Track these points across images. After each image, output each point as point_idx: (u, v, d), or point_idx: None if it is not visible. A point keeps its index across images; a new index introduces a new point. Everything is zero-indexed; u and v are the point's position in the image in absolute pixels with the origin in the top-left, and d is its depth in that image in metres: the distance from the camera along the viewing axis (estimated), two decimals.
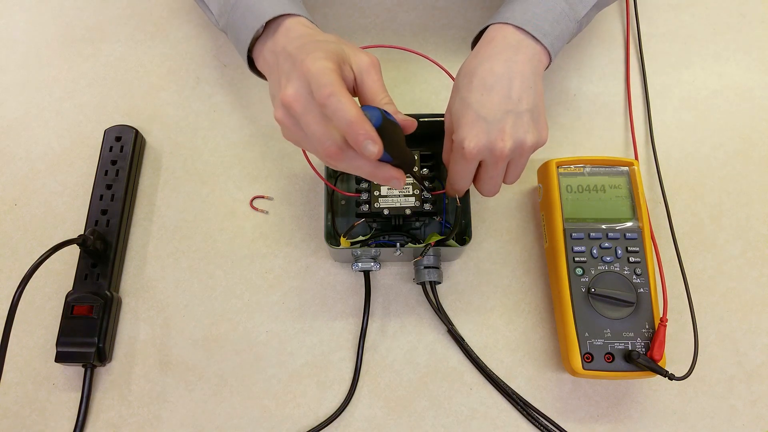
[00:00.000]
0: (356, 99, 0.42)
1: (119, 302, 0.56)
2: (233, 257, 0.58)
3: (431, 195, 0.53)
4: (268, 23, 0.48)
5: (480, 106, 0.45)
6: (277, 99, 0.43)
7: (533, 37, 0.48)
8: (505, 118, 0.45)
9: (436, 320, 0.56)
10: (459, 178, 0.48)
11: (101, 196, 0.58)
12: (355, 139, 0.38)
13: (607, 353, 0.49)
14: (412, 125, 0.44)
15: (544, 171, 0.57)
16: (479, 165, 0.48)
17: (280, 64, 0.44)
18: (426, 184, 0.53)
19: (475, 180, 0.50)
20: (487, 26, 0.50)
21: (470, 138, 0.45)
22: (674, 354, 0.53)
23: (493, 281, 0.57)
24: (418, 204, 0.52)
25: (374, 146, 0.38)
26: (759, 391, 0.54)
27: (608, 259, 0.52)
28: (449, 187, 0.51)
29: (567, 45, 0.66)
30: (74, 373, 0.54)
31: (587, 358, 0.49)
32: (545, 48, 0.48)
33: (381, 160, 0.41)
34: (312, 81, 0.39)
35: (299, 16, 0.48)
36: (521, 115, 0.45)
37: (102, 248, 0.55)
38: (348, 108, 0.38)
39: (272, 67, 0.46)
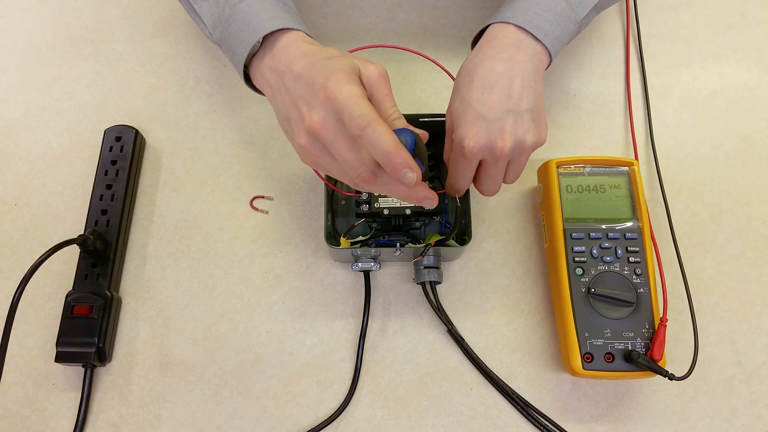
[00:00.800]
0: None
1: (119, 302, 0.56)
2: (233, 257, 0.58)
3: None
4: (266, 37, 0.47)
5: (480, 105, 0.45)
6: (299, 125, 0.42)
7: (534, 36, 0.48)
8: (505, 117, 0.45)
9: (436, 320, 0.56)
10: (459, 177, 0.48)
11: (101, 196, 0.58)
12: (393, 168, 0.38)
13: (607, 353, 0.49)
14: (425, 138, 0.44)
15: (544, 171, 0.57)
16: (479, 164, 0.48)
17: (289, 85, 0.43)
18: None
19: (475, 179, 0.50)
20: (488, 25, 0.50)
21: (470, 137, 0.45)
22: (674, 354, 0.53)
23: (493, 281, 0.57)
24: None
25: (412, 174, 0.38)
26: (759, 391, 0.54)
27: (608, 259, 0.52)
28: (449, 187, 0.50)
29: (567, 45, 0.66)
30: (74, 373, 0.54)
31: (587, 358, 0.49)
32: (546, 48, 0.48)
33: None
34: (343, 110, 0.39)
35: (297, 30, 0.47)
36: (522, 114, 0.45)
37: (102, 248, 0.55)
38: (385, 138, 0.37)
39: (275, 87, 0.45)
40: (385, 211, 0.52)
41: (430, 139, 0.53)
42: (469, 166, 0.47)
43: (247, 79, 0.50)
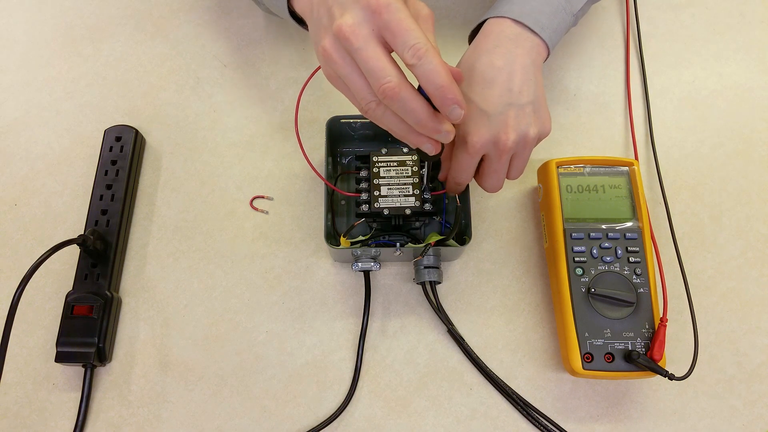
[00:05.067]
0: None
1: (119, 302, 0.56)
2: (233, 257, 0.58)
3: (431, 195, 0.53)
4: None
5: (482, 100, 0.45)
6: (327, 28, 0.39)
7: (531, 30, 0.48)
8: (507, 111, 0.45)
9: (436, 320, 0.56)
10: (461, 172, 0.48)
11: (101, 196, 0.58)
12: (443, 102, 0.37)
13: (607, 353, 0.49)
14: (459, 79, 0.41)
15: (544, 171, 0.57)
16: (482, 160, 0.48)
17: None
18: (425, 182, 0.53)
19: (478, 175, 0.50)
20: (484, 20, 0.50)
21: (474, 132, 0.45)
22: (674, 354, 0.53)
23: (493, 281, 0.57)
24: (418, 204, 0.52)
25: (461, 111, 0.37)
26: (759, 391, 0.53)
27: (608, 259, 0.52)
28: (450, 183, 0.50)
29: (567, 45, 0.66)
30: (74, 373, 0.54)
31: (587, 358, 0.49)
32: (543, 41, 0.48)
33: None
34: (395, 31, 0.36)
35: None
36: (523, 107, 0.45)
37: (102, 248, 0.55)
38: (441, 70, 0.36)
39: (315, 0, 0.42)
40: (385, 211, 0.52)
41: None
42: (472, 162, 0.47)
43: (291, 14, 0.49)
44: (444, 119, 0.40)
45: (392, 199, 0.52)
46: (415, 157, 0.53)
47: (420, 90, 0.39)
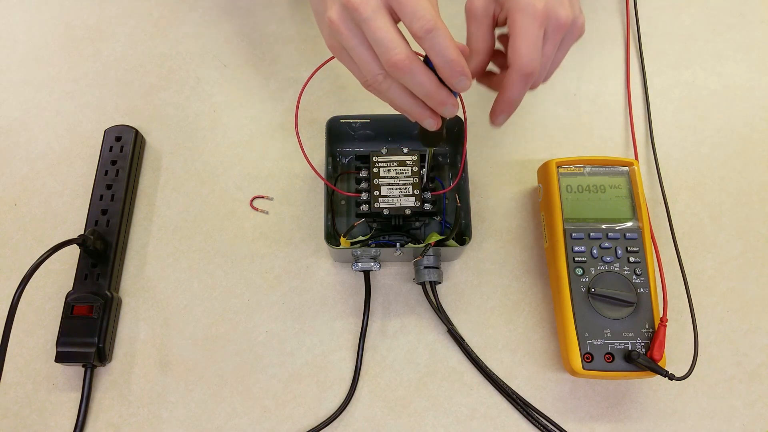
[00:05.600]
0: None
1: (119, 302, 0.56)
2: (233, 257, 0.58)
3: (431, 195, 0.53)
4: None
5: None
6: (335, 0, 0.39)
7: None
8: None
9: (436, 320, 0.56)
10: (531, 47, 0.43)
11: (101, 196, 0.58)
12: (450, 74, 0.37)
13: (607, 353, 0.49)
14: (465, 53, 0.41)
15: (544, 171, 0.57)
16: None
17: None
18: (425, 181, 0.53)
19: None
20: None
21: None
22: (674, 354, 0.53)
23: (493, 281, 0.57)
24: (418, 204, 0.52)
25: (468, 81, 0.37)
26: (759, 391, 0.53)
27: (608, 259, 0.52)
28: (516, 73, 0.43)
29: None
30: (74, 373, 0.54)
31: (587, 358, 0.49)
32: None
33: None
34: (405, 1, 0.36)
35: None
36: None
37: (102, 248, 0.55)
38: (450, 45, 0.36)
39: None
40: (385, 211, 0.52)
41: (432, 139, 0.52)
42: (540, 32, 0.43)
43: None
44: (449, 92, 0.40)
45: (392, 199, 0.52)
46: (415, 157, 0.53)
47: (425, 61, 0.39)
